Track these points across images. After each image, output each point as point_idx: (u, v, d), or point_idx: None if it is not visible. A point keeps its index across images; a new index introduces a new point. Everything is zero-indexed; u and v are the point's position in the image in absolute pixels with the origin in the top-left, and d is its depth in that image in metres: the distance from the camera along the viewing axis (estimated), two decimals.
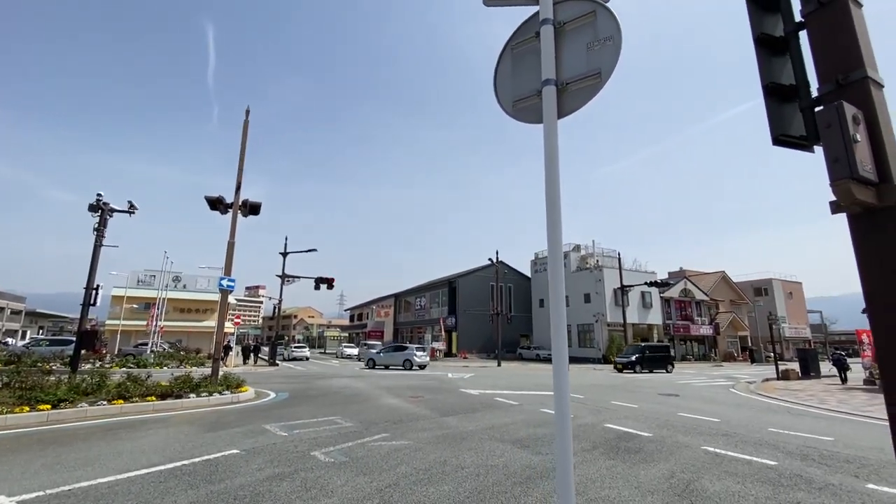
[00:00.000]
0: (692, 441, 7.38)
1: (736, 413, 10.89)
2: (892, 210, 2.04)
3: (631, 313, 40.26)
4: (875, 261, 2.08)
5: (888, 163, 2.07)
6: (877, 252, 2.07)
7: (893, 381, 1.96)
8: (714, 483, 5.18)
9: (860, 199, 2.00)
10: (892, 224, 2.04)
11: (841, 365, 20.49)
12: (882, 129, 2.13)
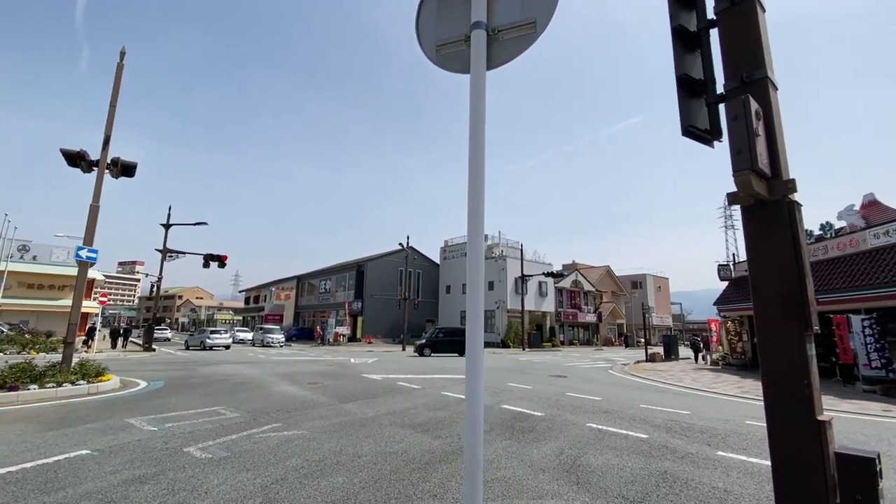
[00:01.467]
0: (578, 419, 7.95)
1: (614, 392, 12.07)
2: (779, 204, 2.18)
3: (529, 301, 42.94)
4: (762, 251, 2.21)
5: (780, 159, 2.21)
6: (764, 242, 2.21)
7: (770, 363, 2.12)
8: (597, 457, 5.58)
9: (755, 192, 2.10)
10: (779, 217, 2.18)
11: (696, 348, 24.01)
12: (776, 127, 2.27)
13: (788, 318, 2.06)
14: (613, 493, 4.42)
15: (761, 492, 4.47)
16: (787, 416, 2.01)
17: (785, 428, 2.01)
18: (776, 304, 2.11)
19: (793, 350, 2.03)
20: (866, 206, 16.76)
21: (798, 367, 2.01)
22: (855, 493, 1.85)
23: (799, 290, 2.05)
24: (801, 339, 2.02)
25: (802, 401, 1.98)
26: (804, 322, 2.03)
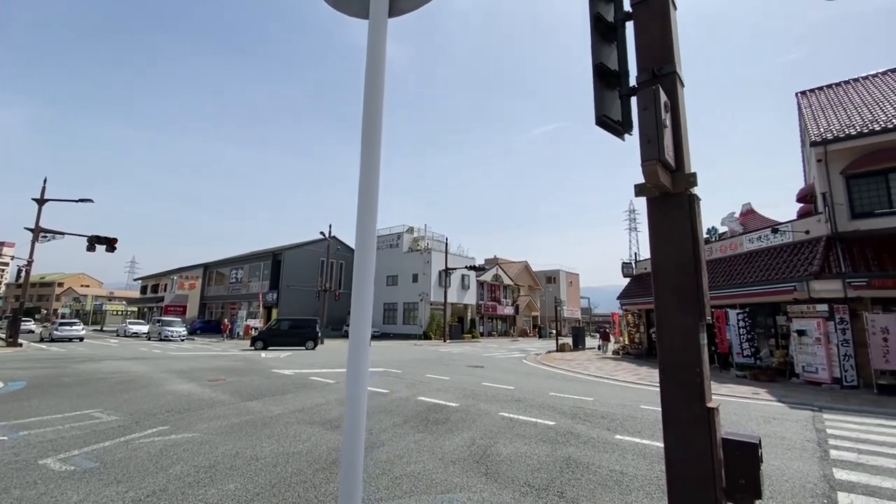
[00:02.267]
0: (492, 408, 8.09)
1: (527, 381, 12.56)
2: (681, 196, 2.23)
3: (451, 293, 43.60)
4: (664, 242, 2.25)
5: (683, 152, 2.26)
6: (667, 234, 2.25)
7: (666, 352, 2.16)
8: (507, 446, 5.66)
9: (661, 183, 2.12)
10: (681, 209, 2.23)
11: (605, 337, 26.06)
12: (682, 121, 2.32)
13: (685, 308, 2.12)
14: (520, 481, 4.47)
15: (652, 472, 4.80)
16: (680, 402, 2.07)
17: (678, 414, 2.07)
18: (674, 294, 2.15)
19: (687, 339, 2.09)
20: (744, 214, 19.17)
21: (691, 356, 2.07)
22: (739, 476, 1.94)
23: (695, 281, 2.11)
24: (695, 328, 2.08)
25: (694, 388, 2.04)
26: (699, 312, 2.09)
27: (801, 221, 15.00)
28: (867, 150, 13.40)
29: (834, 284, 12.07)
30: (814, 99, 17.57)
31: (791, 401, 9.78)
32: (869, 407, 9.15)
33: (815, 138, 14.17)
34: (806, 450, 5.81)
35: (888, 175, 13.14)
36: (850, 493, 4.24)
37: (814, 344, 12.44)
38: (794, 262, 13.91)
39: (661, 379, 2.14)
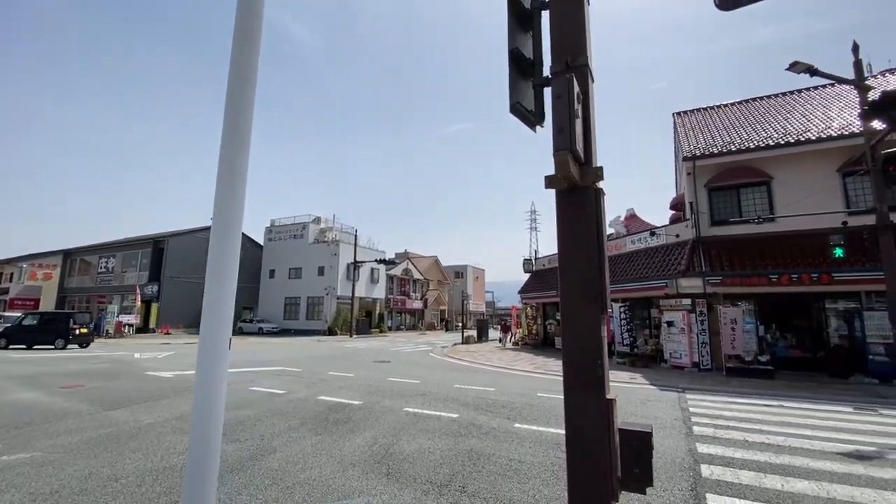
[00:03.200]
0: (396, 404, 7.92)
1: (432, 374, 12.62)
2: (588, 190, 2.24)
3: (360, 287, 42.53)
4: (571, 235, 2.25)
5: (592, 146, 2.27)
6: (573, 228, 2.24)
7: (570, 344, 2.16)
8: (410, 443, 5.53)
9: (570, 174, 2.09)
10: (588, 203, 2.23)
11: (507, 329, 27.35)
12: (591, 115, 2.32)
13: (588, 301, 2.13)
14: (423, 479, 4.36)
15: (548, 459, 5.01)
16: (582, 394, 2.07)
17: (579, 406, 2.08)
18: (579, 287, 2.16)
19: (590, 331, 2.10)
20: (628, 218, 21.35)
21: (593, 348, 2.09)
22: (634, 466, 1.99)
23: (599, 275, 2.13)
24: (597, 321, 2.10)
25: (595, 380, 2.06)
26: (601, 305, 2.11)
27: (673, 226, 17.10)
28: (725, 167, 15.68)
29: (696, 282, 13.94)
30: (686, 119, 20.11)
31: (661, 384, 11.06)
32: (720, 386, 10.70)
33: (687, 154, 16.22)
34: (675, 428, 6.55)
35: (740, 189, 15.51)
36: (710, 465, 4.82)
37: (679, 333, 14.26)
38: (667, 262, 15.81)
39: (565, 371, 2.14)
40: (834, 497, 3.98)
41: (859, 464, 4.88)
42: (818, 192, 13.94)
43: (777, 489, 4.16)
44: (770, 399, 9.02)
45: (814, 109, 16.73)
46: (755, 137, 15.85)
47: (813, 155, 14.34)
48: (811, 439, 5.91)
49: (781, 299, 13.99)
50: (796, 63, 10.55)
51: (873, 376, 11.35)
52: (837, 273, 12.14)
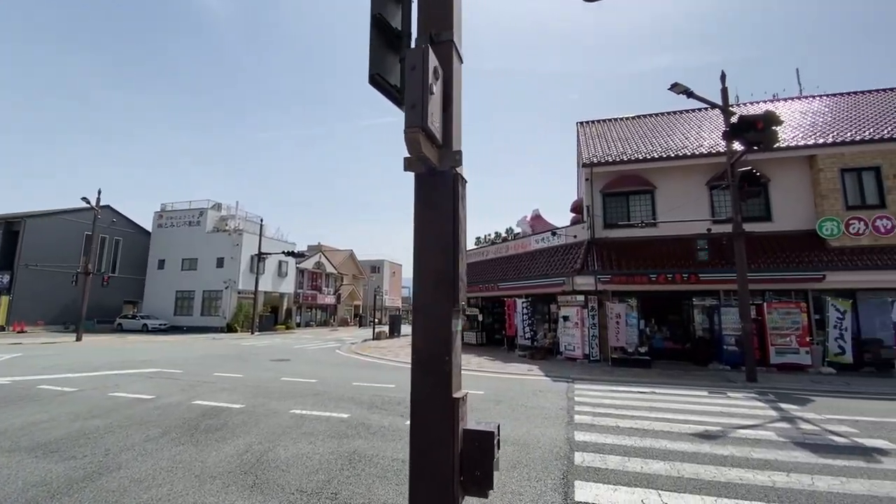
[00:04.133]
0: (283, 406, 7.36)
1: (334, 372, 12.08)
2: (447, 175, 2.09)
3: (265, 281, 39.81)
4: (428, 222, 2.08)
5: (453, 129, 2.12)
6: (430, 214, 2.08)
7: (419, 340, 2.00)
8: (288, 448, 5.11)
9: (425, 155, 1.93)
10: (445, 189, 2.08)
11: None
12: (454, 96, 2.18)
13: (441, 294, 1.99)
14: (292, 488, 4.00)
15: None
16: (428, 392, 1.93)
17: (424, 405, 1.93)
18: (433, 278, 2.01)
19: (440, 326, 1.96)
20: (534, 219, 22.44)
21: (443, 344, 1.95)
22: (476, 469, 1.89)
23: (454, 266, 2.00)
24: (448, 315, 1.96)
25: (443, 378, 1.92)
26: (453, 298, 1.98)
27: (572, 228, 18.29)
28: (618, 175, 17.10)
29: (589, 280, 15.01)
30: (588, 129, 21.64)
31: (554, 375, 11.71)
32: (605, 376, 11.61)
33: (586, 161, 17.42)
34: (559, 417, 6.87)
35: (629, 196, 17.01)
36: (583, 452, 5.07)
37: (573, 327, 15.28)
38: (565, 260, 16.86)
39: (412, 366, 1.98)
40: (682, 475, 4.37)
41: (706, 443, 5.48)
42: (691, 201, 15.77)
43: (637, 471, 4.47)
44: (645, 386, 9.95)
45: (692, 129, 18.92)
46: (643, 150, 17.50)
47: (688, 169, 16.19)
48: (671, 422, 6.55)
49: (659, 296, 15.63)
50: (676, 84, 11.74)
51: (726, 363, 13.11)
52: (703, 274, 13.83)
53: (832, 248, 14.09)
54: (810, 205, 15.00)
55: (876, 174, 14.46)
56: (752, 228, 13.07)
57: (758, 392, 9.36)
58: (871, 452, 5.13)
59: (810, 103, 19.74)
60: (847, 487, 4.05)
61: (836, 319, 12.90)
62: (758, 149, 10.58)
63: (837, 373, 12.25)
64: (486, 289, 21.06)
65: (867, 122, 16.17)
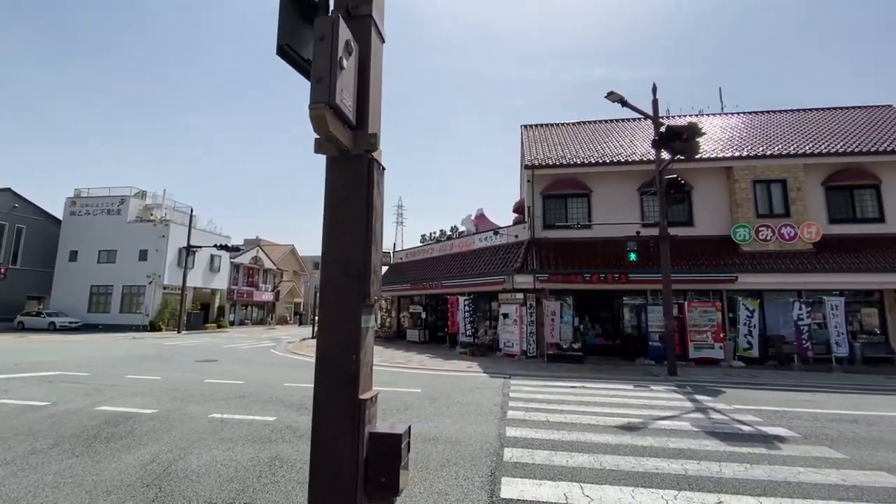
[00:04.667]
0: (202, 410, 6.83)
1: (265, 372, 11.46)
2: (361, 159, 1.94)
3: (195, 276, 37.23)
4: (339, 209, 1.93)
5: (369, 109, 1.97)
6: (341, 200, 1.93)
7: (325, 338, 1.84)
8: (202, 456, 4.70)
9: (334, 136, 1.76)
10: (360, 174, 1.94)
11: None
12: (372, 74, 2.03)
13: (349, 286, 1.84)
14: (200, 499, 3.66)
15: None
16: (332, 394, 1.78)
17: (327, 407, 1.78)
18: (341, 270, 1.85)
19: (348, 323, 1.81)
20: (478, 218, 22.71)
21: (349, 341, 1.80)
22: (381, 474, 1.76)
23: (365, 258, 1.85)
24: (356, 310, 1.82)
25: (348, 378, 1.78)
26: (363, 291, 1.84)
27: (514, 227, 18.69)
28: (556, 178, 17.68)
29: (528, 278, 15.40)
30: (531, 132, 22.21)
31: (492, 371, 11.87)
32: (540, 372, 11.93)
33: (528, 163, 17.85)
34: (492, 413, 6.92)
35: (567, 198, 17.65)
36: (512, 448, 5.11)
37: (512, 324, 15.60)
38: (507, 259, 17.19)
39: (316, 367, 1.82)
40: (604, 467, 4.52)
41: (628, 435, 5.73)
42: (623, 205, 16.65)
43: (562, 465, 4.56)
44: (576, 381, 10.32)
45: (626, 137, 19.98)
46: (582, 155, 18.23)
47: (621, 175, 17.08)
48: (598, 415, 6.81)
49: (592, 295, 16.36)
50: (612, 93, 12.30)
51: (651, 358, 13.97)
52: (632, 274, 14.63)
53: (744, 252, 15.45)
54: (727, 212, 16.35)
55: (783, 186, 16.04)
56: (676, 232, 14.00)
57: (677, 385, 10.03)
58: (772, 440, 5.61)
59: (729, 119, 21.56)
60: (750, 473, 4.37)
61: (746, 317, 14.16)
62: (682, 158, 11.33)
63: (746, 366, 13.46)
64: (430, 286, 21.01)
65: (777, 139, 17.91)
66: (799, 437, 5.75)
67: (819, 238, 15.14)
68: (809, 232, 15.24)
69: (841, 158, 15.95)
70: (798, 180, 15.85)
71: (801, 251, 15.12)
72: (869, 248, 14.88)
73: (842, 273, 14.29)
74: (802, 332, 13.38)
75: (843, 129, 18.48)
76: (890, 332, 14.71)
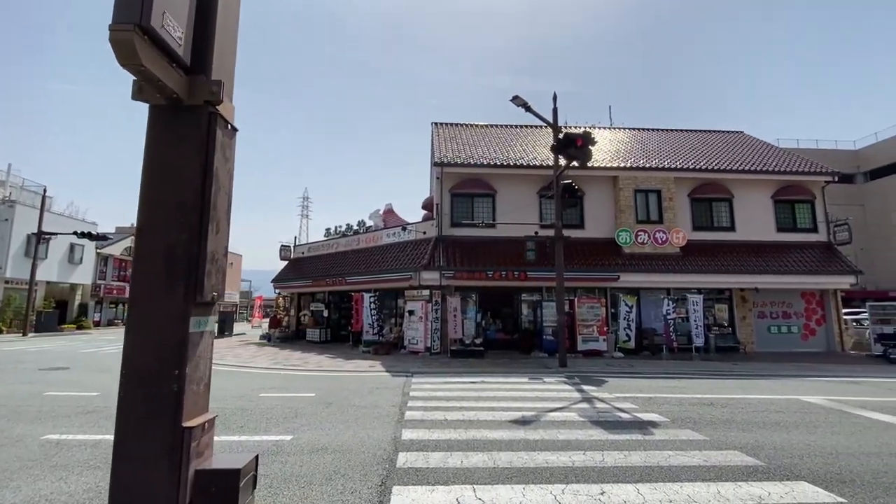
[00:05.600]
0: (34, 431, 5.54)
1: None
2: (198, 112, 1.50)
3: (49, 269, 31.44)
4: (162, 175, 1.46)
5: (212, 50, 1.53)
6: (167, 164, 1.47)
7: (133, 347, 1.38)
8: (20, 491, 3.71)
9: (156, 76, 1.31)
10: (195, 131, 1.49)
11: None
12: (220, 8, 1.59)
13: (173, 279, 1.40)
14: None
15: None
16: (140, 422, 1.33)
17: (132, 439, 1.32)
18: (162, 257, 1.40)
19: (169, 327, 1.37)
20: (386, 213, 22.22)
21: (171, 353, 1.37)
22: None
23: (197, 240, 1.42)
24: (183, 310, 1.39)
25: (165, 400, 1.35)
26: (194, 287, 1.41)
27: (422, 224, 18.58)
28: (464, 177, 17.93)
29: (434, 275, 15.38)
30: (442, 130, 22.29)
31: (395, 370, 11.57)
32: (443, 368, 11.91)
33: (437, 160, 17.84)
34: (390, 415, 6.62)
35: (474, 198, 17.98)
36: (407, 452, 4.86)
37: (418, 321, 15.47)
38: (414, 255, 17.00)
39: (121, 384, 1.36)
40: (498, 465, 4.47)
41: (521, 429, 5.82)
42: (525, 207, 17.42)
43: (457, 466, 4.42)
44: (476, 376, 10.45)
45: (529, 142, 20.97)
46: (489, 156, 18.70)
47: (524, 177, 17.86)
48: (495, 410, 6.88)
49: (495, 292, 16.89)
50: (517, 97, 12.70)
51: (545, 351, 14.78)
52: (530, 272, 15.35)
53: (625, 253, 17.07)
54: (612, 217, 17.94)
55: (658, 196, 18.03)
56: (569, 234, 14.96)
57: (567, 376, 10.65)
58: (646, 426, 6.09)
59: (617, 133, 23.79)
60: (628, 460, 4.63)
61: (626, 312, 15.65)
62: (577, 164, 12.08)
63: (625, 356, 14.87)
64: (334, 283, 20.06)
65: (654, 154, 20.12)
66: (668, 421, 6.33)
67: (685, 243, 17.30)
68: (678, 237, 17.33)
69: (704, 174, 18.41)
70: (670, 191, 17.95)
71: (671, 254, 17.14)
72: (722, 252, 17.38)
73: (701, 274, 16.49)
74: (670, 325, 15.16)
75: (705, 148, 21.40)
76: (737, 325, 17.36)
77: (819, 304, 18.01)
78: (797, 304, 17.99)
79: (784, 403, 7.70)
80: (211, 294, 1.48)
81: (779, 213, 18.59)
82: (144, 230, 1.42)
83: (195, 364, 1.42)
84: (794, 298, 17.96)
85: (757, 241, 17.85)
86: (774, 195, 18.61)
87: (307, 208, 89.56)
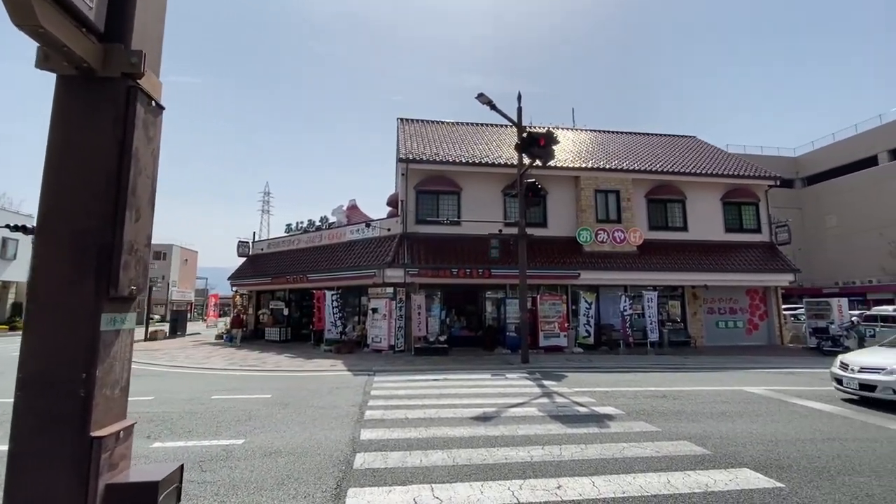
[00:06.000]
0: None
1: None
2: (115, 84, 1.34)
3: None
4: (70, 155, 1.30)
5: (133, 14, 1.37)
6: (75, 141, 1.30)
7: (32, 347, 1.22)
8: None
9: (60, 40, 1.15)
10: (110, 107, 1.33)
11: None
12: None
13: (81, 272, 1.25)
14: None
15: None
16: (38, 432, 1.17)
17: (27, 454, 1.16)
18: (68, 247, 1.24)
19: (75, 324, 1.22)
20: (350, 209, 21.77)
21: (77, 354, 1.22)
22: None
23: (110, 226, 1.27)
24: (94, 307, 1.24)
25: (69, 407, 1.20)
26: (106, 280, 1.26)
27: (387, 220, 18.33)
28: (430, 175, 17.82)
29: (399, 272, 15.21)
30: (408, 126, 22.07)
31: (357, 368, 11.36)
32: (406, 366, 11.79)
33: (402, 156, 17.64)
34: (349, 415, 6.46)
35: (439, 195, 17.90)
36: (365, 453, 4.74)
37: (382, 319, 15.26)
38: (378, 252, 16.75)
39: (17, 391, 1.19)
40: (457, 463, 4.43)
41: (482, 426, 5.82)
42: (489, 205, 17.53)
43: (416, 466, 4.35)
44: (440, 374, 10.41)
45: (494, 141, 21.09)
46: (454, 154, 18.68)
47: (488, 176, 17.96)
48: (456, 408, 6.85)
49: (459, 289, 16.91)
50: (482, 95, 12.72)
51: (509, 348, 14.94)
52: (494, 270, 15.46)
53: (586, 252, 17.51)
54: (573, 216, 18.35)
55: (617, 196, 18.59)
56: (532, 232, 15.17)
57: (528, 372, 10.80)
58: (603, 419, 6.24)
59: (580, 135, 24.35)
60: (585, 454, 4.71)
61: (585, 309, 16.06)
62: (540, 163, 12.24)
63: (584, 352, 15.26)
64: (294, 280, 19.48)
65: (614, 155, 20.73)
66: (623, 413, 6.52)
67: (641, 242, 17.93)
68: (635, 236, 17.94)
69: (659, 176, 19.14)
70: (628, 192, 18.56)
71: (628, 252, 17.73)
72: (675, 251, 18.15)
73: (656, 272, 17.16)
74: (627, 321, 15.69)
75: (660, 151, 22.26)
76: (688, 321, 18.18)
77: (762, 301, 19.17)
78: (742, 300, 19.07)
79: (730, 394, 8.11)
80: (129, 288, 1.33)
81: (727, 214, 19.62)
82: (48, 216, 1.25)
83: (108, 366, 1.27)
84: (740, 295, 19.03)
85: (707, 240, 18.77)
86: (723, 197, 19.62)
87: (268, 203, 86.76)
